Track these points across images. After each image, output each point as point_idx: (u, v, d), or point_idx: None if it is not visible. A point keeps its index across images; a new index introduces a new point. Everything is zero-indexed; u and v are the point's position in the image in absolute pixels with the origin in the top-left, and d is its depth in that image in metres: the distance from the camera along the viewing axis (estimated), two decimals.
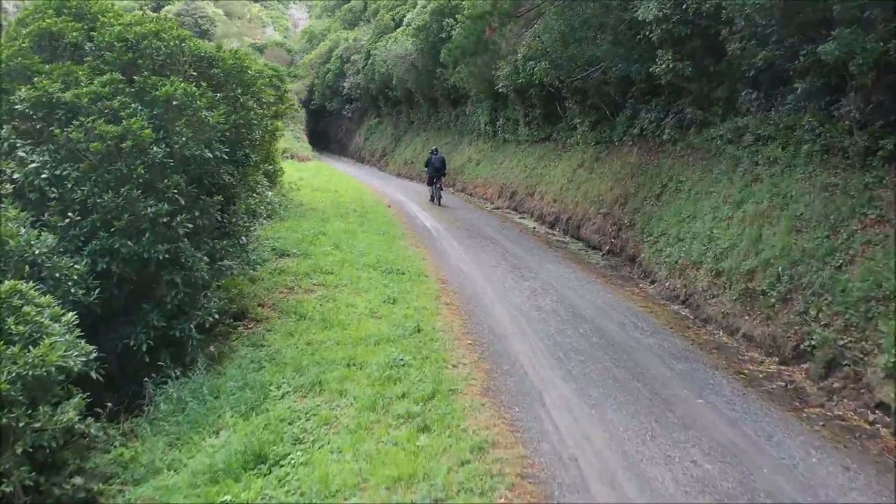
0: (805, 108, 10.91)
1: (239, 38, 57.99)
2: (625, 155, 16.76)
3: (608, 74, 17.19)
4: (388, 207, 20.69)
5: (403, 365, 7.54)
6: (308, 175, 28.60)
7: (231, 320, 9.54)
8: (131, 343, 7.31)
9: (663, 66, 13.19)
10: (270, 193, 17.84)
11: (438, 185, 22.93)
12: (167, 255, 7.29)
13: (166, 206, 7.29)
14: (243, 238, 8.47)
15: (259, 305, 10.07)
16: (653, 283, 12.68)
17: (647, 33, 13.34)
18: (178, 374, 7.35)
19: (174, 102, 7.48)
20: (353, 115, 44.87)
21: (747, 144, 11.97)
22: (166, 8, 56.40)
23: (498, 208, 22.39)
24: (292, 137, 39.39)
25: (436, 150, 24.66)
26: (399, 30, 34.74)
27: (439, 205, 22.44)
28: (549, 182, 20.20)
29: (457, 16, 26.12)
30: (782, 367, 8.56)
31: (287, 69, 49.29)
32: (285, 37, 68.62)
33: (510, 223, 19.20)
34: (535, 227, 18.77)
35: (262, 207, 16.66)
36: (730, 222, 11.27)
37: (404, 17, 34.73)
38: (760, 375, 8.22)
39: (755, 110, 12.21)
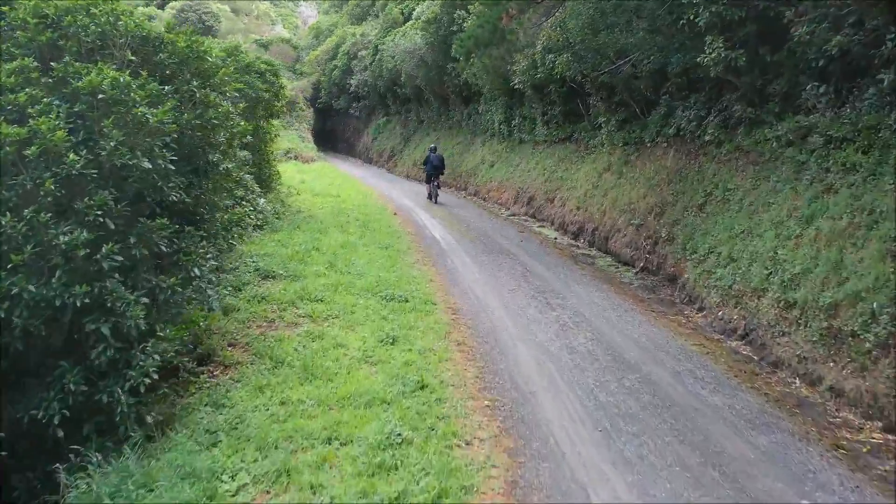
0: (892, 104, 9.00)
1: (245, 34, 56.39)
2: (659, 158, 14.85)
3: (639, 67, 15.31)
4: (394, 215, 18.86)
5: (401, 443, 5.70)
6: (310, 178, 26.84)
7: (194, 364, 7.73)
8: (39, 415, 5.51)
9: (713, 55, 11.25)
10: (262, 201, 16.06)
11: (436, 183, 22.94)
12: (87, 300, 5.48)
13: (85, 233, 5.46)
14: (196, 270, 6.61)
15: (229, 345, 8.25)
16: (701, 310, 10.75)
17: (693, 17, 11.41)
18: (101, 456, 5.54)
19: (100, 96, 5.69)
20: (361, 114, 43.08)
21: (815, 147, 10.02)
22: (170, 4, 54.89)
23: (514, 215, 20.51)
24: (297, 137, 37.66)
25: (434, 147, 24.53)
26: (408, 24, 32.91)
27: (436, 203, 22.51)
28: (572, 187, 18.31)
29: (469, 7, 24.26)
30: (890, 437, 6.66)
31: (291, 66, 47.71)
32: (294, 34, 67.01)
33: (529, 233, 17.32)
34: (556, 238, 16.88)
35: (251, 218, 14.94)
36: (799, 242, 9.33)
37: (413, 10, 32.89)
38: (864, 450, 6.32)
39: (823, 107, 10.25)
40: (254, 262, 11.57)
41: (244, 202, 15.05)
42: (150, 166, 5.90)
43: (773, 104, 11.41)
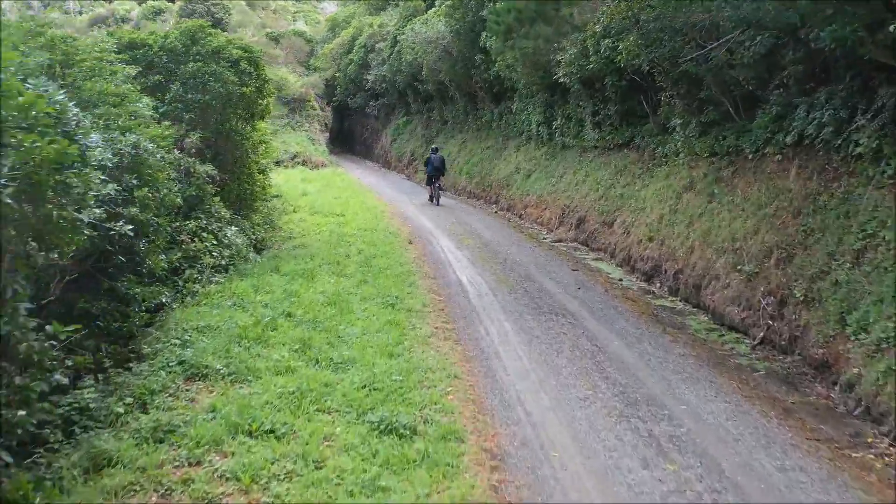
0: None
1: (261, 27, 52.68)
2: (772, 176, 10.65)
3: (737, 53, 11.20)
4: (409, 244, 14.80)
5: None
6: (315, 188, 22.94)
7: None
8: None
9: None
10: (232, 231, 12.16)
11: (437, 185, 22.22)
12: None
13: None
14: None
15: None
16: None
17: None
18: None
19: None
20: (380, 113, 39.09)
21: None
22: None
23: (560, 241, 16.35)
24: (306, 139, 33.80)
25: (435, 148, 24.01)
26: (430, 11, 28.87)
27: (437, 205, 21.69)
28: (638, 208, 14.14)
29: None
30: None
31: (305, 61, 43.93)
32: (314, 30, 63.22)
33: (583, 271, 13.16)
34: (622, 279, 12.75)
35: (212, 256, 11.03)
36: None
37: None
38: None
39: None
40: (185, 340, 7.59)
41: (204, 235, 11.15)
42: None
43: None
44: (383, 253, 13.31)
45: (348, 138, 47.20)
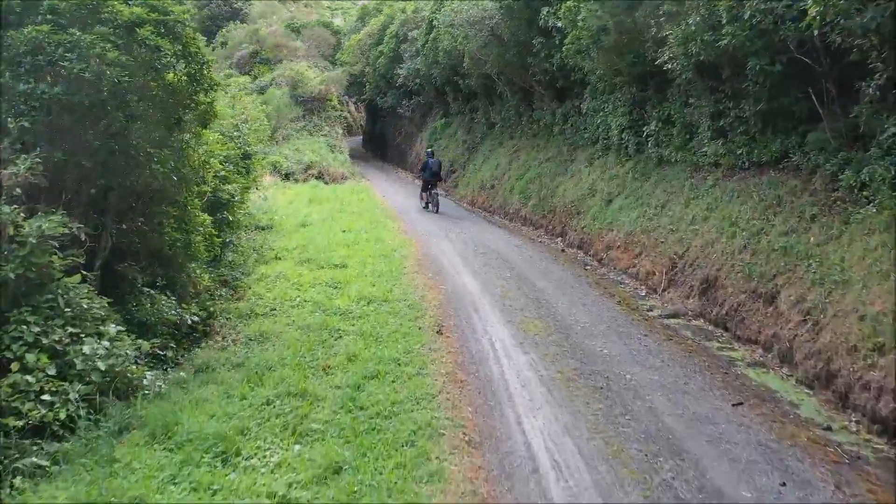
0: None
1: (290, 20, 47.48)
2: None
3: None
4: (439, 334, 8.97)
5: None
6: (321, 214, 17.43)
7: None
8: None
9: None
10: (96, 347, 6.60)
11: (435, 192, 20.87)
12: None
13: None
14: None
15: None
16: None
17: None
18: None
19: None
20: (414, 114, 33.37)
21: None
22: None
23: (675, 316, 10.40)
24: (325, 147, 28.27)
25: (431, 151, 23.03)
26: None
27: (437, 212, 20.30)
28: (825, 278, 8.19)
29: None
30: None
31: (331, 55, 38.54)
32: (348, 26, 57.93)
33: (756, 408, 7.21)
34: (829, 425, 6.80)
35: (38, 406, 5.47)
36: None
37: None
38: None
39: None
40: None
41: (27, 357, 5.61)
42: None
43: None
44: (390, 361, 7.61)
45: (380, 142, 41.71)
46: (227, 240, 11.39)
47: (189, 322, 8.49)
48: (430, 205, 20.59)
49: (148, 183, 8.15)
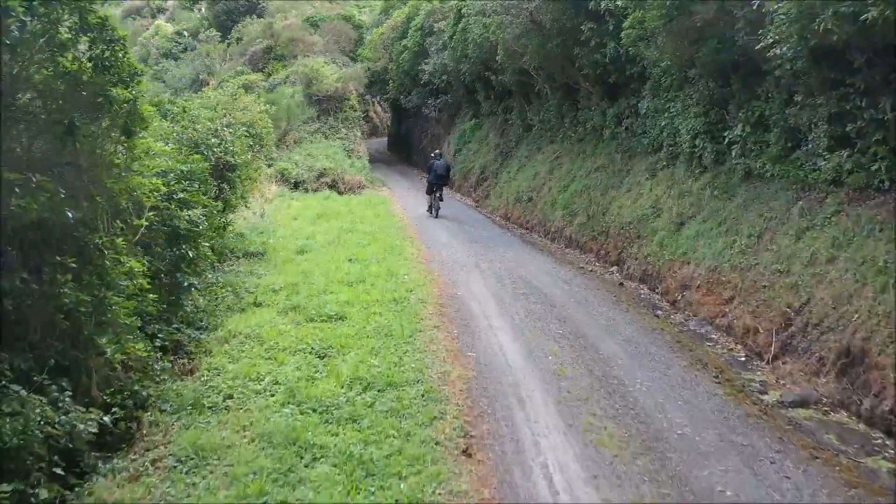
0: None
1: (311, 17, 44.90)
2: None
3: None
4: (469, 456, 5.90)
5: None
6: (327, 236, 14.60)
7: None
8: None
9: None
10: None
11: (439, 195, 19.80)
12: None
13: None
14: None
15: None
16: None
17: None
18: None
19: None
20: (440, 115, 30.39)
21: None
22: None
23: (803, 403, 7.29)
24: (342, 151, 25.44)
25: (439, 153, 21.95)
26: None
27: (437, 217, 19.44)
28: None
29: None
30: None
31: (351, 50, 35.74)
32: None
33: None
34: None
35: None
36: None
37: None
38: None
39: None
40: None
41: None
42: None
43: None
44: None
45: (405, 145, 38.89)
46: (187, 283, 8.53)
47: (89, 431, 5.64)
48: (432, 209, 19.76)
49: (28, 221, 5.36)
